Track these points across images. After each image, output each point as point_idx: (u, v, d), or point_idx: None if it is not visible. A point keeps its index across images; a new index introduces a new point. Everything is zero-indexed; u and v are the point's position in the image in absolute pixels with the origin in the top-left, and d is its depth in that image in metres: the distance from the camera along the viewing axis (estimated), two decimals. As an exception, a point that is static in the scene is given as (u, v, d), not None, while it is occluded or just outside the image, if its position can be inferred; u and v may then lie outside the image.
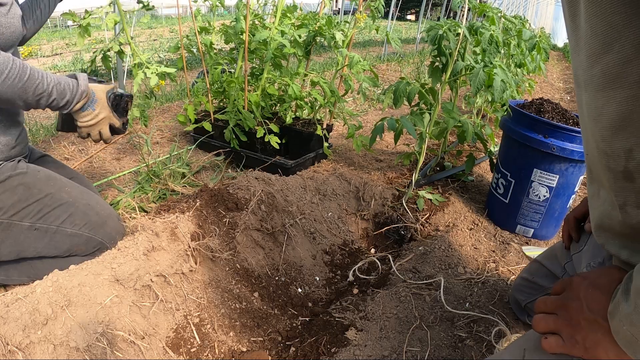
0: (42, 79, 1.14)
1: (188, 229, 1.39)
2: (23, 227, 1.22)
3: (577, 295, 0.70)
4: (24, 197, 1.22)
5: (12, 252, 1.24)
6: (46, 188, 1.27)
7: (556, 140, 1.72)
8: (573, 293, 0.71)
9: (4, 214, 1.20)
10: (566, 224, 1.13)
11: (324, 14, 2.50)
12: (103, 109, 1.33)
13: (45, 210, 1.25)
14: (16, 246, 1.24)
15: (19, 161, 1.30)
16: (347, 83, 2.29)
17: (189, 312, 1.27)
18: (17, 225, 1.22)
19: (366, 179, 2.12)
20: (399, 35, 13.83)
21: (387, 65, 6.87)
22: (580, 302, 0.68)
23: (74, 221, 1.28)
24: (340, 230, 1.95)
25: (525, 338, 0.85)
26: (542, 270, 1.29)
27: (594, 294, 0.68)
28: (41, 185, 1.27)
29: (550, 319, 0.72)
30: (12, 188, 1.20)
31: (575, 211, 1.12)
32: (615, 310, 0.63)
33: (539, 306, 0.76)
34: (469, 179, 2.42)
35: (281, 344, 1.34)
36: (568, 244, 1.13)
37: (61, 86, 1.19)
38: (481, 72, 1.77)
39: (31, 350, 0.95)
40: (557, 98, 5.66)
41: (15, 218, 1.21)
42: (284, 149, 2.36)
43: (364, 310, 1.36)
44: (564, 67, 9.91)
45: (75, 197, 1.32)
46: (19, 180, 1.22)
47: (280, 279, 1.59)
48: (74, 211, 1.29)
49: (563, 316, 0.71)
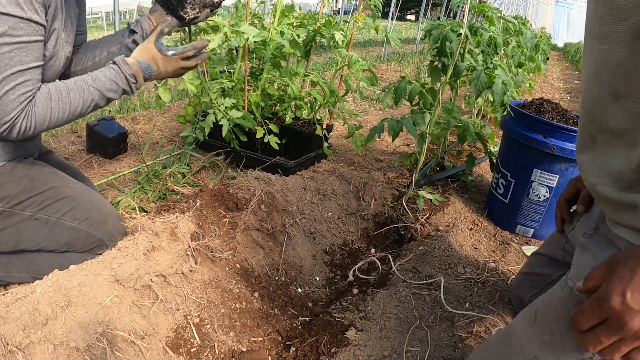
0: (82, 96, 1.15)
1: (188, 229, 1.39)
2: (24, 217, 1.23)
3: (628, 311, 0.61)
4: (28, 188, 1.23)
5: (11, 241, 1.25)
6: (50, 181, 1.28)
7: (556, 140, 1.72)
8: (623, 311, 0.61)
9: (7, 203, 1.21)
10: (558, 207, 1.15)
11: (323, 13, 2.50)
12: (162, 61, 1.25)
13: (47, 202, 1.25)
14: (15, 235, 1.25)
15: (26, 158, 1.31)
16: (347, 83, 2.29)
17: (189, 312, 1.27)
18: (19, 214, 1.22)
19: (366, 179, 2.12)
20: (399, 35, 13.83)
21: (387, 65, 6.87)
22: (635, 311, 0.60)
23: (75, 215, 1.29)
24: (340, 230, 1.95)
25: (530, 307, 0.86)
26: (541, 259, 1.31)
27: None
28: (45, 178, 1.28)
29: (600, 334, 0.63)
30: (17, 179, 1.22)
31: (565, 194, 1.13)
32: None
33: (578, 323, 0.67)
34: (469, 179, 2.42)
35: (281, 344, 1.34)
36: (561, 226, 1.15)
37: (106, 87, 1.19)
38: (483, 74, 1.77)
39: (31, 350, 0.95)
40: (557, 98, 5.66)
41: (18, 208, 1.22)
42: (284, 149, 2.36)
43: (364, 310, 1.35)
44: (564, 67, 9.90)
45: (78, 192, 1.33)
46: (24, 172, 1.23)
47: (280, 279, 1.59)
48: (76, 205, 1.30)
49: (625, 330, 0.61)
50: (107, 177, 2.09)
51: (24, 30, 1.02)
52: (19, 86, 1.04)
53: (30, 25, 1.03)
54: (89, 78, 1.18)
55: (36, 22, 1.05)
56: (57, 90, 1.13)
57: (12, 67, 1.03)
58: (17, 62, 1.03)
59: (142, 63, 1.23)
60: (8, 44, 1.00)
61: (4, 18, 0.98)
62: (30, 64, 1.06)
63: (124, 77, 1.21)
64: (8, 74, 1.02)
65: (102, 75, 1.19)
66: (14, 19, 0.99)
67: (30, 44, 1.05)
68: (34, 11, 1.03)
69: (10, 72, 1.02)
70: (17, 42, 1.02)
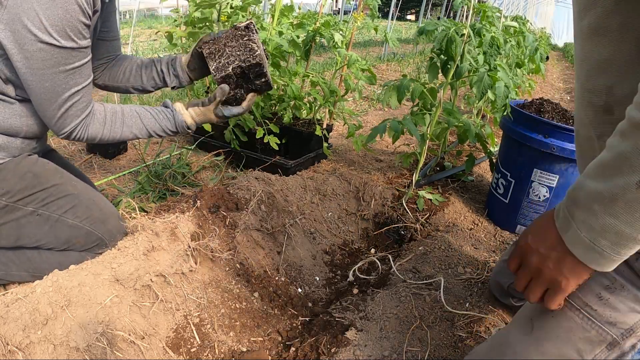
0: (132, 130, 1.32)
1: (188, 229, 1.39)
2: (26, 212, 1.25)
3: (530, 251, 0.76)
4: (31, 185, 1.25)
5: (12, 236, 1.26)
6: (53, 179, 1.30)
7: (556, 140, 1.72)
8: (527, 254, 0.77)
9: (11, 198, 1.22)
10: None
11: (323, 13, 2.50)
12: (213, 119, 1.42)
13: (49, 199, 1.27)
14: (16, 230, 1.26)
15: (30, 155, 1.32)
16: (347, 83, 2.29)
17: (189, 312, 1.27)
18: (21, 209, 1.24)
19: (366, 179, 2.12)
20: (399, 35, 13.84)
21: (387, 65, 6.87)
22: (535, 253, 0.75)
23: (76, 213, 1.30)
24: (340, 230, 1.95)
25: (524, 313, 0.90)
26: None
27: (537, 240, 0.75)
28: (49, 175, 1.30)
29: (534, 286, 0.77)
30: (21, 175, 1.24)
31: None
32: (566, 224, 0.69)
33: (519, 286, 0.81)
34: (469, 179, 2.42)
35: (281, 344, 1.34)
36: None
37: (156, 131, 1.36)
38: (486, 77, 1.76)
39: (31, 350, 0.95)
40: (557, 98, 5.66)
41: (20, 203, 1.24)
42: (284, 149, 2.36)
43: (364, 310, 1.35)
44: (564, 67, 9.91)
45: (80, 190, 1.35)
46: (28, 168, 1.25)
47: (280, 279, 1.59)
48: (78, 203, 1.31)
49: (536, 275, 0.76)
50: (107, 177, 2.09)
51: (75, 57, 1.13)
52: (76, 104, 1.18)
53: (80, 51, 1.14)
54: (146, 118, 1.34)
55: (85, 47, 1.15)
56: (112, 118, 1.28)
57: (69, 90, 1.15)
58: (72, 85, 1.16)
59: (198, 124, 1.43)
60: (63, 72, 1.12)
61: (57, 50, 1.08)
62: (83, 84, 1.19)
63: (174, 129, 1.39)
64: (66, 96, 1.16)
65: (157, 119, 1.35)
66: (66, 50, 1.09)
67: (82, 66, 1.16)
68: (83, 38, 1.12)
69: (67, 94, 1.16)
70: (70, 68, 1.13)
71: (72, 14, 1.05)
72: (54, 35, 1.05)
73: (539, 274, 0.75)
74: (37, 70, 1.09)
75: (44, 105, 1.16)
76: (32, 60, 1.07)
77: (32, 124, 1.24)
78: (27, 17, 1.02)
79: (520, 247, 0.79)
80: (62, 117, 1.18)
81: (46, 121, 1.20)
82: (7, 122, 1.19)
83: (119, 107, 1.31)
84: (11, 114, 1.19)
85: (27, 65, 1.08)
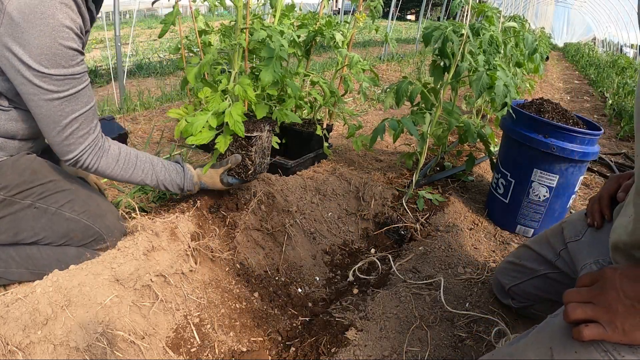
0: (141, 176, 1.36)
1: (188, 229, 1.39)
2: (24, 205, 1.27)
3: (612, 285, 0.73)
4: (29, 180, 1.26)
5: (10, 230, 1.28)
6: (51, 175, 1.32)
7: (556, 140, 1.72)
8: (608, 283, 0.74)
9: (8, 192, 1.24)
10: (599, 202, 1.11)
11: (323, 14, 2.50)
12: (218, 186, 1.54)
13: (46, 193, 1.29)
14: (14, 223, 1.27)
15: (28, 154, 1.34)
16: (347, 83, 2.29)
17: (189, 312, 1.27)
18: (19, 203, 1.26)
19: (366, 179, 2.12)
20: (399, 35, 13.85)
21: (388, 65, 6.88)
22: (617, 290, 0.72)
23: (74, 207, 1.32)
24: (340, 230, 1.95)
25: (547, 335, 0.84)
26: (530, 254, 1.30)
27: (628, 282, 0.72)
28: (47, 172, 1.31)
29: (587, 308, 0.74)
30: (19, 170, 1.26)
31: (608, 189, 1.10)
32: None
33: (572, 296, 0.77)
34: (469, 179, 2.42)
35: (281, 344, 1.34)
36: (600, 222, 1.10)
37: (165, 184, 1.42)
38: (484, 76, 1.76)
39: (31, 350, 0.95)
40: (557, 98, 5.66)
41: (18, 197, 1.26)
42: (284, 148, 2.36)
43: (364, 310, 1.35)
44: (564, 67, 9.91)
45: (77, 187, 1.37)
46: (26, 165, 1.27)
47: (280, 279, 1.59)
48: (75, 198, 1.33)
49: (601, 303, 0.73)
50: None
51: (69, 85, 1.13)
52: (76, 130, 1.19)
53: (75, 78, 1.14)
54: (158, 167, 1.40)
55: (79, 74, 1.15)
56: (126, 157, 1.32)
57: (67, 117, 1.15)
58: (69, 112, 1.16)
59: (203, 185, 1.52)
60: (57, 99, 1.12)
61: (49, 77, 1.08)
62: (81, 110, 1.18)
63: (182, 186, 1.46)
64: (64, 123, 1.16)
65: (168, 171, 1.42)
66: (57, 78, 1.09)
67: (77, 93, 1.16)
68: (75, 64, 1.12)
69: (65, 121, 1.16)
70: (64, 96, 1.13)
71: (60, 41, 1.06)
72: (43, 63, 1.05)
73: (604, 307, 0.72)
74: (32, 96, 1.10)
75: (45, 130, 1.18)
76: (26, 87, 1.08)
77: (28, 127, 1.26)
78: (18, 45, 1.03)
79: (605, 274, 0.75)
80: (64, 144, 1.19)
81: (51, 146, 1.22)
82: (4, 127, 1.21)
83: (135, 150, 1.36)
84: (7, 120, 1.21)
85: (22, 91, 1.10)
